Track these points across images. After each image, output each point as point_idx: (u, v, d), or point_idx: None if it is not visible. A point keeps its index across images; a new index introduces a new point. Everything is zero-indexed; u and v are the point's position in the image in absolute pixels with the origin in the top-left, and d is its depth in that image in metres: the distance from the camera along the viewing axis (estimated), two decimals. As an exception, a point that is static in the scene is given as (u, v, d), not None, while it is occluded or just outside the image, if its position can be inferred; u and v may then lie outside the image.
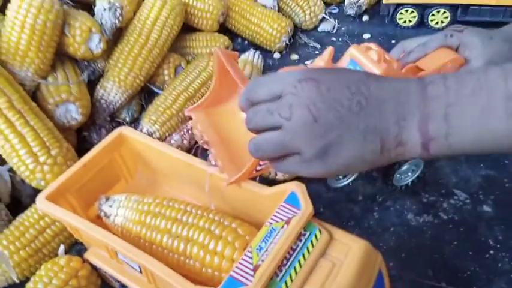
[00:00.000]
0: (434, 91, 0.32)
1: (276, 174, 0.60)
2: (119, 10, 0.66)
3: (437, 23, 0.87)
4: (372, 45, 0.50)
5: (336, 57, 0.50)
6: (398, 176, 0.56)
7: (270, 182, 0.60)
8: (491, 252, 0.50)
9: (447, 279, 0.48)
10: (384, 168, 0.56)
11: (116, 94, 0.67)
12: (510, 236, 0.51)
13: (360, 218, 0.55)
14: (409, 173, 0.57)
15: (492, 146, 0.32)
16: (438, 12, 0.86)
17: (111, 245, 0.40)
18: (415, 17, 0.88)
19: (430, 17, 0.87)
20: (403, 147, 0.33)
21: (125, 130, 0.51)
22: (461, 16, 0.85)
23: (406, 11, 0.87)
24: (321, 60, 0.50)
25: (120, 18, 0.66)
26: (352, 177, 0.57)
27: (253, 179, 0.45)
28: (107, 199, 0.47)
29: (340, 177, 0.57)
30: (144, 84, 0.71)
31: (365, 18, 0.95)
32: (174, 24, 0.72)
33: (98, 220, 0.47)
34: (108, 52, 0.69)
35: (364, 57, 0.48)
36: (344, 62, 0.50)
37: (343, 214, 0.56)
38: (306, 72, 0.35)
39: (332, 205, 0.57)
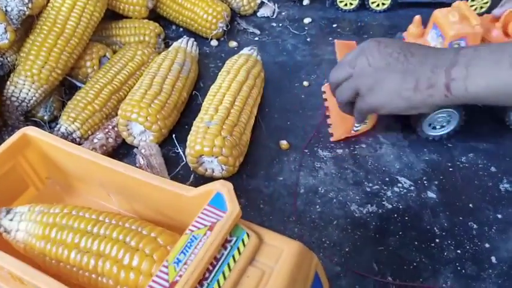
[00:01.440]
0: (464, 51, 0.43)
1: (213, 172, 0.55)
2: None
3: (378, 5, 0.85)
4: (461, 4, 0.56)
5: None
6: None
7: (206, 179, 0.55)
8: (437, 240, 0.48)
9: (392, 272, 0.45)
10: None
11: (29, 90, 0.59)
12: (455, 222, 0.49)
13: (301, 212, 0.52)
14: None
15: (499, 93, 0.41)
16: (379, -7, 0.84)
17: (4, 266, 0.34)
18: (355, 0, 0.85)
19: (371, 0, 0.84)
20: (432, 89, 0.43)
21: (30, 130, 0.44)
22: (401, -4, 0.83)
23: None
24: (413, 26, 0.60)
25: (30, 5, 0.59)
26: (448, 129, 0.57)
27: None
28: (8, 212, 0.40)
29: (437, 126, 0.56)
30: (64, 77, 0.64)
31: (305, 2, 0.91)
32: (95, 10, 0.65)
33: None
34: (18, 44, 0.62)
35: (444, 18, 0.54)
36: (429, 26, 0.58)
37: (284, 209, 0.52)
38: (371, 39, 0.49)
39: (272, 200, 0.53)
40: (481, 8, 0.83)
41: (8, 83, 0.60)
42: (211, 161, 0.54)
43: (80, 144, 0.58)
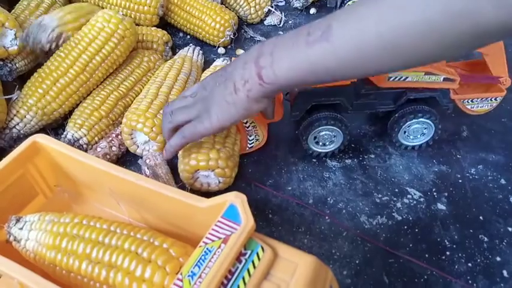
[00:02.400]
0: (269, 41, 0.44)
1: (209, 185, 0.54)
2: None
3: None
4: None
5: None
6: (405, 133, 0.57)
7: (203, 194, 0.55)
8: (448, 253, 0.48)
9: (403, 286, 0.45)
10: (389, 124, 0.58)
11: (34, 126, 0.59)
12: (465, 235, 0.49)
13: (310, 222, 0.51)
14: (418, 135, 0.57)
15: (301, 72, 0.42)
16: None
17: (14, 276, 0.34)
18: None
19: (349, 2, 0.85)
20: (248, 84, 0.44)
21: (40, 138, 0.44)
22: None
23: (354, 2, 0.84)
24: None
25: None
26: (332, 147, 0.58)
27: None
28: (18, 220, 0.40)
29: (326, 143, 0.57)
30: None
31: (312, 11, 0.91)
32: (121, 55, 0.64)
33: (8, 245, 0.40)
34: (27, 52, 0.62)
35: None
36: None
37: (293, 219, 0.52)
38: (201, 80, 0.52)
39: (281, 210, 0.53)
40: None
41: (14, 111, 0.58)
42: (207, 175, 0.53)
43: (86, 151, 0.57)
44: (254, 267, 0.33)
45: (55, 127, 0.63)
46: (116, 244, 0.36)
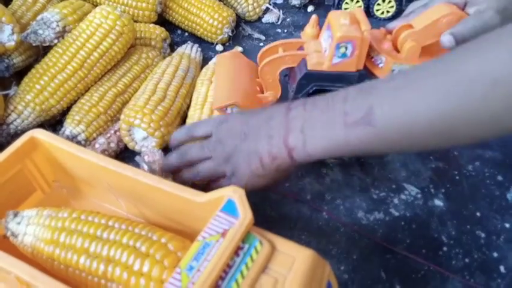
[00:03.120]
0: (295, 113, 0.41)
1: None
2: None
3: (382, 12, 0.85)
4: (357, 10, 0.54)
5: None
6: None
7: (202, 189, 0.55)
8: (445, 249, 0.48)
9: (401, 281, 0.45)
10: None
11: (31, 122, 0.58)
12: (462, 231, 0.49)
13: (308, 218, 0.51)
14: None
15: (338, 151, 0.40)
16: (383, 1, 0.84)
17: (12, 271, 0.34)
18: (360, 6, 0.85)
19: (376, 7, 0.85)
20: (277, 160, 0.42)
21: (38, 133, 0.44)
22: (406, 5, 0.83)
23: (352, 0, 0.85)
24: (309, 27, 0.57)
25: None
26: None
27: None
28: (15, 215, 0.40)
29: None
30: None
31: (310, 8, 0.91)
32: (119, 51, 0.64)
33: (6, 240, 0.40)
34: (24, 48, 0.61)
35: (336, 20, 0.51)
36: (324, 28, 0.54)
37: (291, 215, 0.52)
38: (223, 116, 0.49)
39: (279, 206, 0.53)
40: (388, 12, 0.84)
41: (11, 108, 0.57)
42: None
43: (84, 147, 0.57)
44: (252, 261, 0.33)
45: (53, 123, 0.63)
46: (114, 239, 0.36)
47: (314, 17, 0.57)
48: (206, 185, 0.50)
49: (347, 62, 0.51)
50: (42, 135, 0.44)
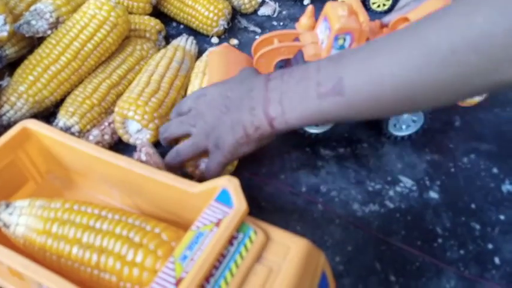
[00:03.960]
0: (273, 84, 0.43)
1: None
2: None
3: (378, 6, 0.85)
4: (354, 1, 0.53)
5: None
6: (395, 124, 0.57)
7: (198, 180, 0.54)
8: (440, 240, 0.48)
9: (395, 272, 0.45)
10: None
11: (25, 114, 0.57)
12: (457, 223, 0.49)
13: (303, 210, 0.51)
14: (410, 124, 0.57)
15: (314, 120, 0.42)
16: (380, -6, 0.84)
17: (2, 261, 0.33)
18: (356, -1, 0.85)
19: (372, 0, 0.84)
20: (259, 130, 0.44)
21: (30, 124, 0.44)
22: (402, -2, 0.83)
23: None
24: (304, 18, 0.57)
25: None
26: (327, 127, 0.57)
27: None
28: (7, 206, 0.39)
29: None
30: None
31: (306, 1, 0.90)
32: (113, 43, 0.63)
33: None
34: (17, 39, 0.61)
35: (333, 12, 0.50)
36: (320, 19, 0.54)
37: (286, 207, 0.52)
38: (201, 89, 0.50)
39: (274, 198, 0.53)
40: (384, 5, 0.84)
41: (4, 99, 0.57)
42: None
43: (78, 139, 0.57)
44: (246, 250, 0.33)
45: (46, 115, 0.62)
46: (107, 229, 0.36)
47: (310, 7, 0.56)
48: (201, 176, 0.50)
49: None
50: (34, 125, 0.43)
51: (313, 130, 0.57)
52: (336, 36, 0.50)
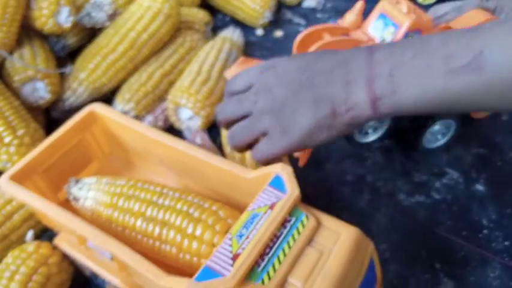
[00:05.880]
0: (379, 56, 0.35)
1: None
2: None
3: (425, -2, 0.84)
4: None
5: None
6: (429, 136, 0.55)
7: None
8: (485, 232, 0.48)
9: (441, 260, 0.46)
10: (413, 129, 0.55)
11: (85, 99, 0.61)
12: (503, 214, 0.49)
13: (349, 199, 0.53)
14: (440, 135, 0.56)
15: (434, 104, 0.34)
16: (427, -14, 0.83)
17: (77, 230, 0.36)
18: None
19: (419, -8, 0.84)
20: (353, 111, 0.36)
21: (98, 107, 0.47)
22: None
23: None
24: (352, 14, 0.55)
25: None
26: (379, 134, 0.55)
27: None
28: (77, 181, 0.43)
29: (369, 131, 0.54)
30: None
31: (351, -7, 0.91)
32: (167, 33, 0.66)
33: (68, 205, 0.43)
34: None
35: (394, 9, 0.50)
36: (374, 16, 0.53)
37: (332, 196, 0.53)
38: (266, 62, 0.40)
39: (320, 186, 0.54)
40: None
41: (66, 85, 0.61)
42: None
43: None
44: (298, 233, 0.35)
45: (103, 101, 0.66)
46: (168, 204, 0.38)
47: (361, 3, 0.55)
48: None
49: None
50: (101, 108, 0.47)
51: (362, 139, 0.56)
52: (407, 33, 0.50)
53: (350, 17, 0.55)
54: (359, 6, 0.55)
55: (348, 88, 0.35)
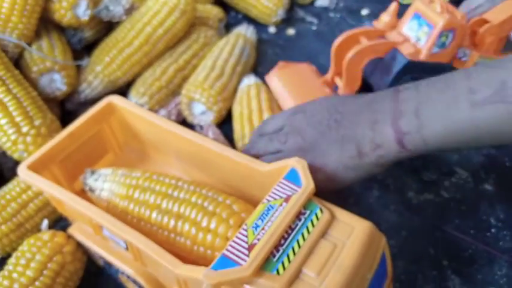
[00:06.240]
0: (406, 95, 0.36)
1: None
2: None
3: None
4: None
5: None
6: None
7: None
8: (493, 230, 0.49)
9: (449, 257, 0.47)
10: None
11: (100, 92, 0.63)
12: (511, 215, 0.50)
13: (359, 196, 0.53)
14: None
15: (462, 137, 0.34)
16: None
17: (95, 218, 0.37)
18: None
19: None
20: (380, 149, 0.36)
21: (115, 99, 0.48)
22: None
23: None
24: (387, 15, 0.55)
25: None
26: None
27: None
28: (93, 172, 0.44)
29: None
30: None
31: (364, -7, 0.91)
32: (181, 28, 0.67)
33: (83, 195, 0.44)
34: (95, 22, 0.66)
35: (428, 9, 0.50)
36: (408, 16, 0.53)
37: (341, 192, 0.53)
38: (297, 107, 0.43)
39: (329, 183, 0.55)
40: None
41: (83, 77, 0.62)
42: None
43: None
44: (313, 225, 0.35)
45: (117, 94, 0.67)
46: (183, 197, 0.39)
47: (395, 5, 0.54)
48: None
49: (443, 52, 0.52)
50: (118, 100, 0.48)
51: None
52: (441, 33, 0.50)
53: (385, 18, 0.55)
54: (393, 7, 0.55)
55: (375, 127, 0.36)
